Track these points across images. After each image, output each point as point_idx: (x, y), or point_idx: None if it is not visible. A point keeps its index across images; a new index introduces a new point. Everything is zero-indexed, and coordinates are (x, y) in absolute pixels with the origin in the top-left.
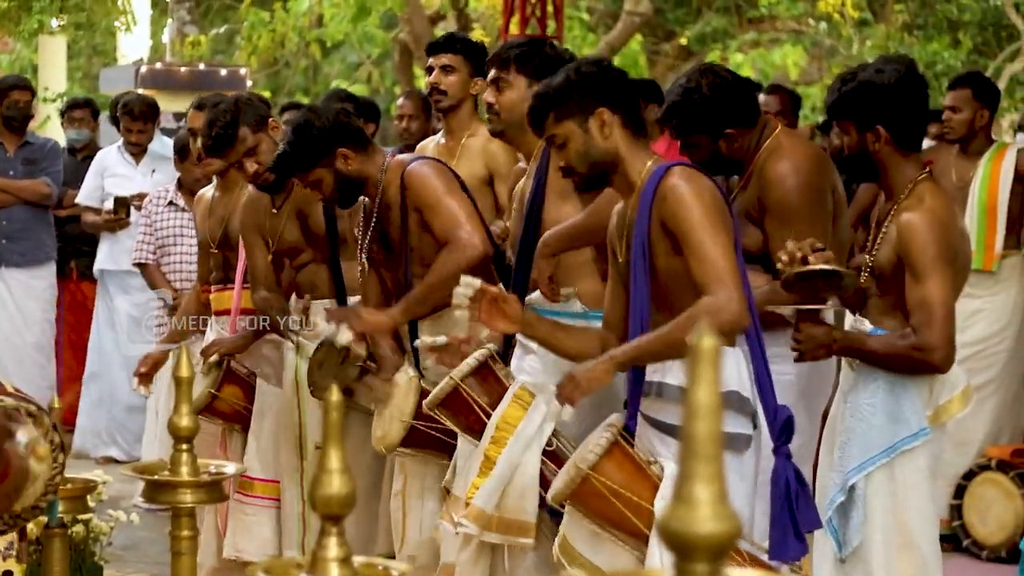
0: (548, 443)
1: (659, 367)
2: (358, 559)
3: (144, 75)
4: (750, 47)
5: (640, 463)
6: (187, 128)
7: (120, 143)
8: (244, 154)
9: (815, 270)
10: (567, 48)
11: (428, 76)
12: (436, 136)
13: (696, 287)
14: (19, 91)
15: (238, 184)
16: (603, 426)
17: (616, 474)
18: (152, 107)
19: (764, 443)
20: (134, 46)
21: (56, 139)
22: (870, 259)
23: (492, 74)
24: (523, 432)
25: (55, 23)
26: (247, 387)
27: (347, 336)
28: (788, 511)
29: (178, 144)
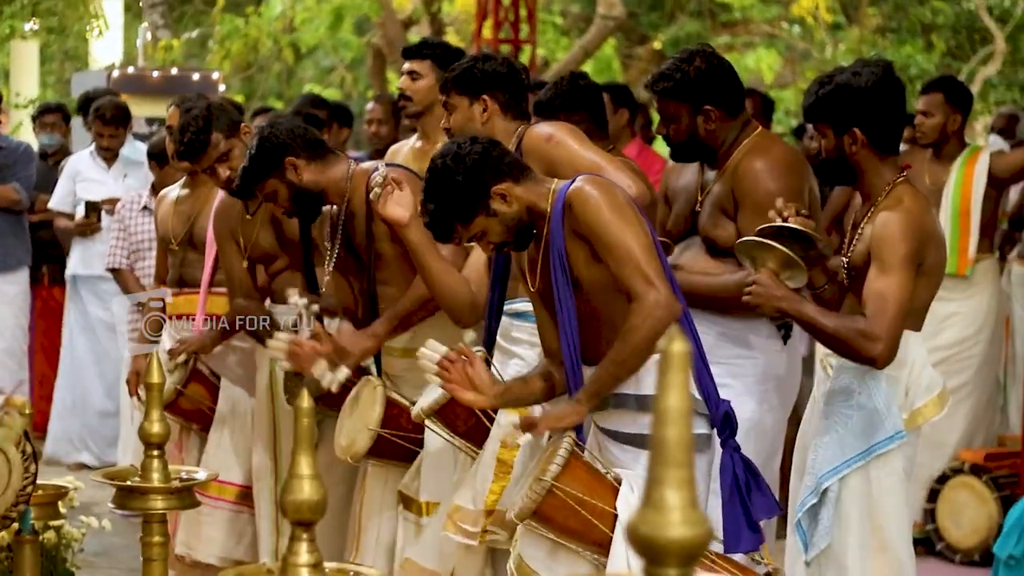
0: None
1: None
2: (329, 565)
3: (116, 79)
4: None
5: (597, 471)
6: (166, 126)
7: (92, 148)
8: (216, 160)
9: (792, 228)
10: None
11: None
12: (411, 140)
13: (620, 290)
14: None
15: (206, 184)
16: (556, 438)
17: (578, 484)
18: (124, 111)
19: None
20: (107, 51)
21: (29, 144)
22: (845, 260)
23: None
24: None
25: (27, 27)
26: (211, 387)
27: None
28: (739, 503)
29: (154, 149)
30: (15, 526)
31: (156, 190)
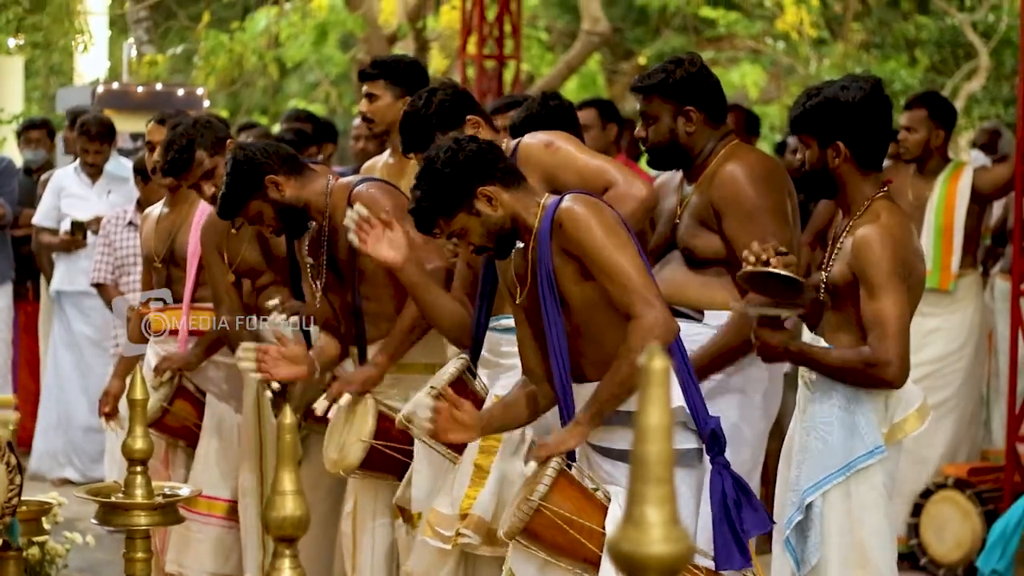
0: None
1: None
2: None
3: (101, 95)
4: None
5: (586, 489)
6: (145, 141)
7: (76, 163)
8: (201, 177)
9: (774, 273)
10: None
11: None
12: (383, 155)
13: (614, 308)
14: None
15: (187, 200)
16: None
17: (566, 502)
18: (109, 127)
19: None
20: (92, 66)
21: (11, 159)
22: (825, 275)
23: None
24: (510, 439)
25: (12, 43)
26: (197, 403)
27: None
28: (727, 521)
29: (140, 164)
30: (1, 540)
31: (142, 206)
